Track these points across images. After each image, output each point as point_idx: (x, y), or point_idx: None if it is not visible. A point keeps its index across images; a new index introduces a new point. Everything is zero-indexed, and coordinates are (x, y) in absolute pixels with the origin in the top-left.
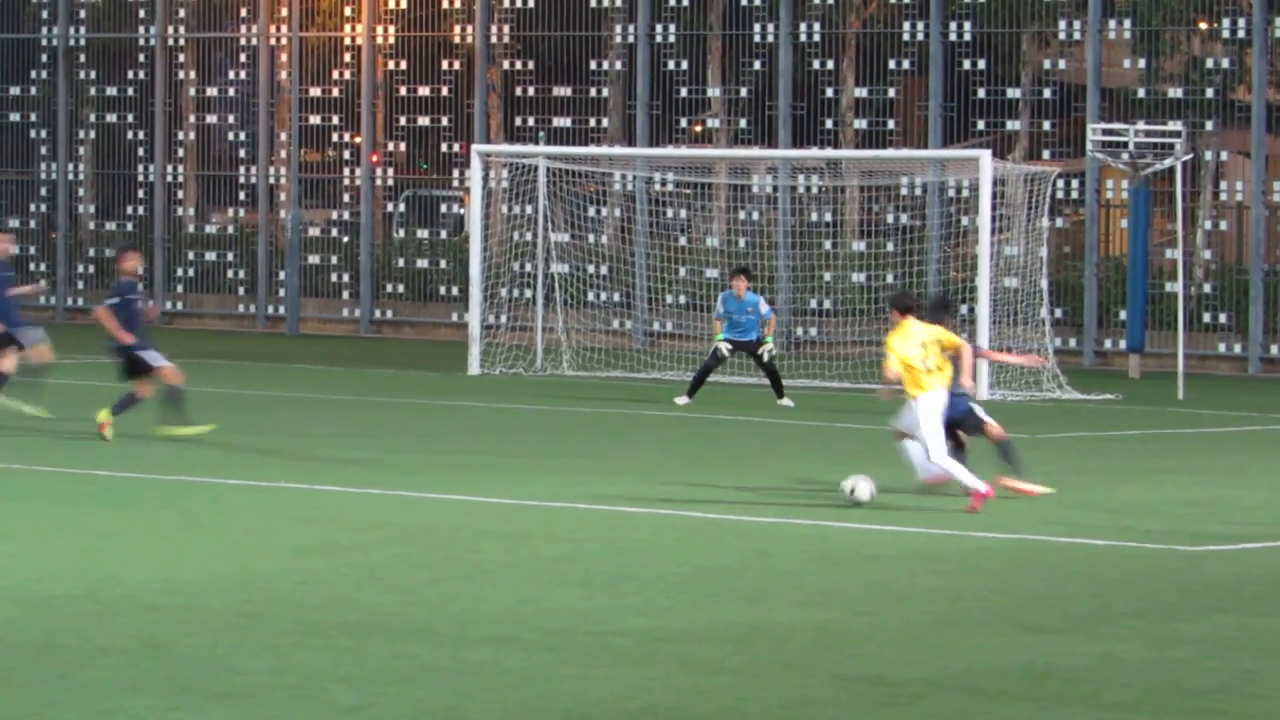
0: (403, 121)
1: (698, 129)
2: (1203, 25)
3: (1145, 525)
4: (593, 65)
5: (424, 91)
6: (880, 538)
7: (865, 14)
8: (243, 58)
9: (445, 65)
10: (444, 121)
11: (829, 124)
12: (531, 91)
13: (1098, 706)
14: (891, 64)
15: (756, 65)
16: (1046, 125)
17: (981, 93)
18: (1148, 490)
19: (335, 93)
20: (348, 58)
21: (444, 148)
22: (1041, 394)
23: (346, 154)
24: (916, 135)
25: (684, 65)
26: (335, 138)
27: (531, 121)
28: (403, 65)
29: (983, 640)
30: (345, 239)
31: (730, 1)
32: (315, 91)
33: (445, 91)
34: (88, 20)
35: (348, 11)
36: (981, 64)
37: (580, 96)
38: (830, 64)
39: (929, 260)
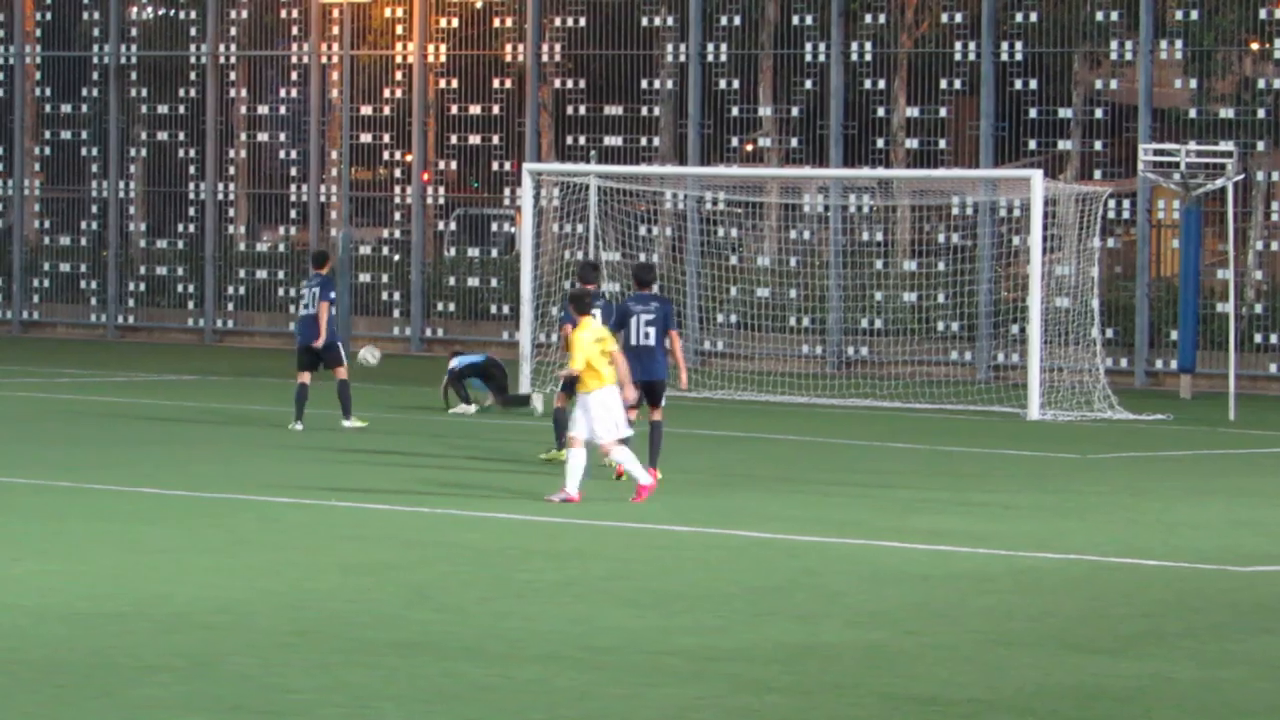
0: (454, 140)
1: (749, 148)
2: (1254, 46)
3: (1196, 546)
4: (644, 84)
5: (475, 110)
6: (930, 558)
7: (917, 34)
8: (294, 76)
9: (496, 84)
10: (495, 140)
11: (880, 143)
12: (583, 110)
13: None
14: (943, 84)
15: (808, 84)
16: (1098, 145)
17: (1033, 113)
18: (1199, 511)
19: (386, 111)
20: (399, 76)
21: (495, 166)
22: (1093, 414)
23: (397, 172)
24: (968, 155)
25: (735, 84)
26: (386, 156)
27: (583, 140)
28: (454, 84)
29: (1033, 660)
30: (396, 257)
31: (782, 21)
32: (366, 110)
33: (496, 110)
34: (139, 38)
35: (399, 30)
36: (1033, 84)
37: (631, 115)
38: (882, 83)
39: (980, 280)
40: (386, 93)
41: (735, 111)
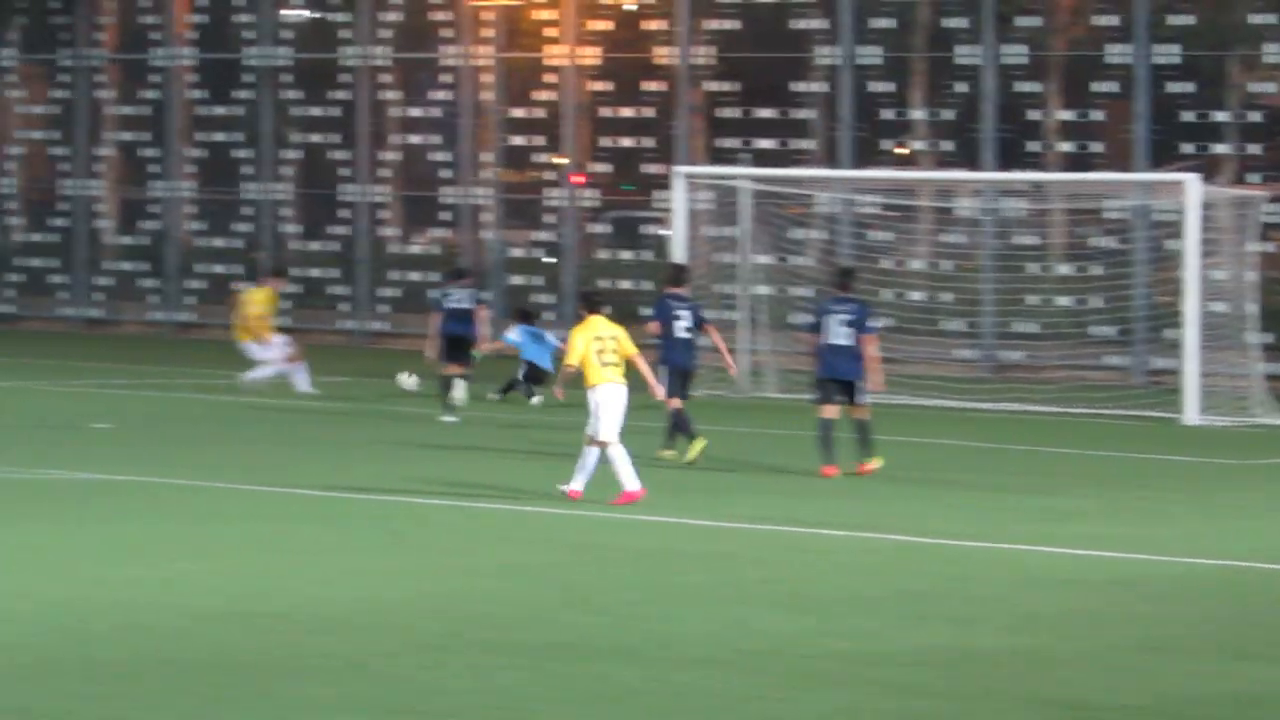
0: (605, 142)
1: (901, 151)
2: None
3: None
4: (796, 87)
5: (627, 112)
6: (1084, 563)
7: (1070, 36)
8: (446, 78)
9: (648, 86)
10: (647, 143)
11: (1034, 147)
12: (734, 113)
13: None
14: (1097, 86)
15: (961, 87)
16: (1254, 149)
17: (1188, 116)
18: None
19: (538, 113)
20: (550, 78)
21: (646, 169)
22: (1250, 419)
23: (549, 175)
24: (1122, 158)
25: (888, 87)
26: (537, 158)
27: (735, 143)
28: (605, 86)
29: (1188, 667)
30: (549, 259)
31: (934, 24)
32: (518, 112)
33: (648, 112)
34: (292, 40)
35: (550, 33)
36: (1188, 87)
37: (783, 118)
38: (1035, 86)
39: (1135, 284)
40: (538, 95)
41: (888, 114)
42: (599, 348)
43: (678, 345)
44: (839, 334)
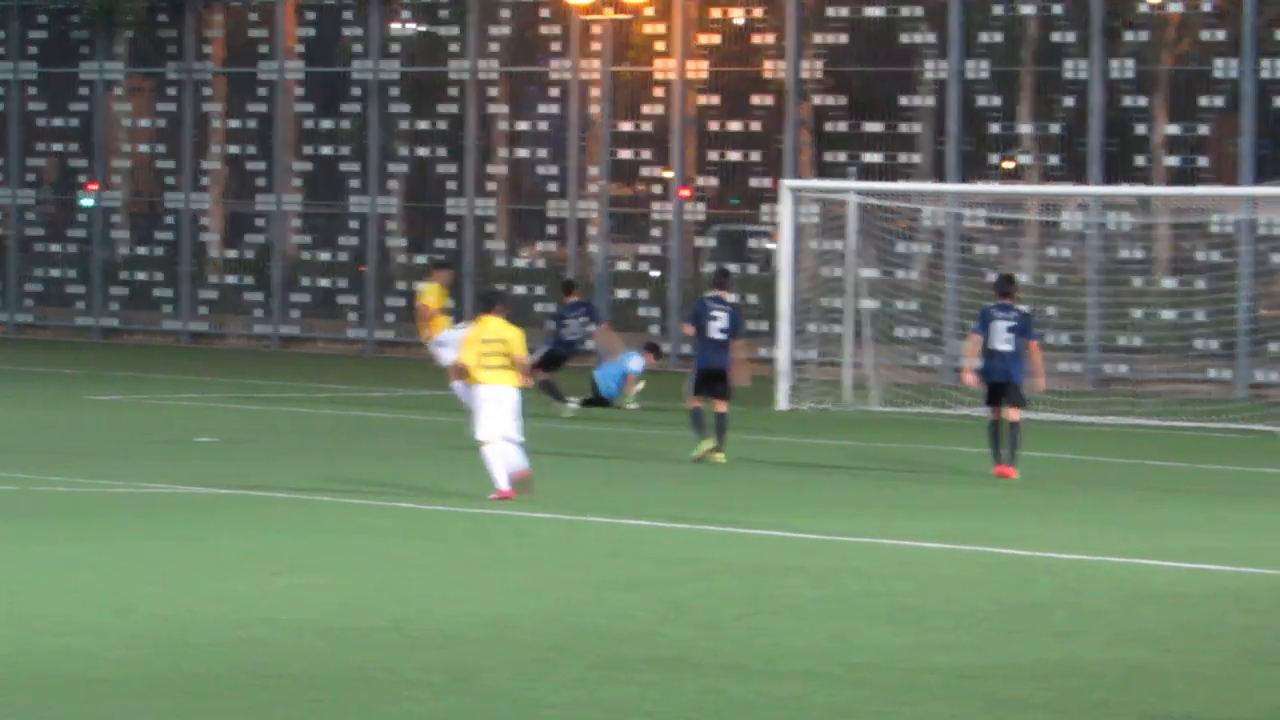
0: (713, 156)
1: (1008, 165)
2: None
3: None
4: (903, 101)
5: (735, 126)
6: (1190, 576)
7: (1177, 51)
8: (554, 92)
9: (756, 100)
10: (754, 156)
11: (1140, 161)
12: (842, 127)
13: None
14: (1203, 101)
15: (1068, 102)
16: None
17: None
18: None
19: (646, 127)
20: (659, 92)
21: (754, 183)
22: None
23: (656, 188)
24: (1228, 172)
25: (995, 101)
26: (645, 172)
27: (842, 157)
28: (713, 100)
29: None
30: (655, 273)
31: (1042, 38)
32: (626, 126)
33: (756, 126)
34: (400, 54)
35: (659, 46)
36: None
37: (891, 132)
38: (1142, 101)
39: (1239, 298)
40: (646, 109)
41: (995, 128)
42: (484, 350)
43: (710, 346)
44: (1002, 339)
